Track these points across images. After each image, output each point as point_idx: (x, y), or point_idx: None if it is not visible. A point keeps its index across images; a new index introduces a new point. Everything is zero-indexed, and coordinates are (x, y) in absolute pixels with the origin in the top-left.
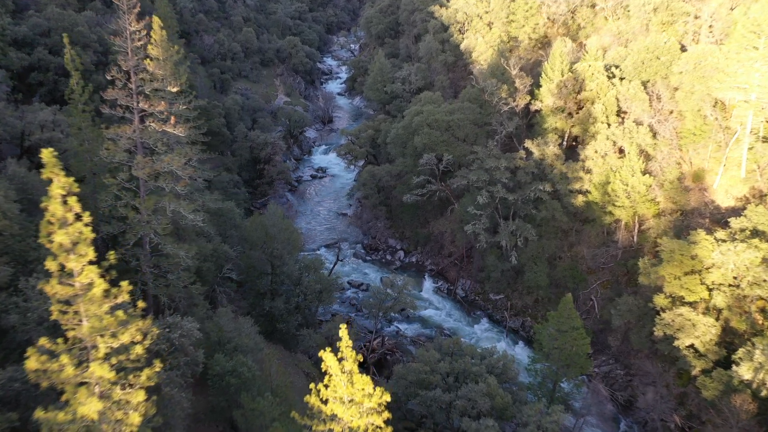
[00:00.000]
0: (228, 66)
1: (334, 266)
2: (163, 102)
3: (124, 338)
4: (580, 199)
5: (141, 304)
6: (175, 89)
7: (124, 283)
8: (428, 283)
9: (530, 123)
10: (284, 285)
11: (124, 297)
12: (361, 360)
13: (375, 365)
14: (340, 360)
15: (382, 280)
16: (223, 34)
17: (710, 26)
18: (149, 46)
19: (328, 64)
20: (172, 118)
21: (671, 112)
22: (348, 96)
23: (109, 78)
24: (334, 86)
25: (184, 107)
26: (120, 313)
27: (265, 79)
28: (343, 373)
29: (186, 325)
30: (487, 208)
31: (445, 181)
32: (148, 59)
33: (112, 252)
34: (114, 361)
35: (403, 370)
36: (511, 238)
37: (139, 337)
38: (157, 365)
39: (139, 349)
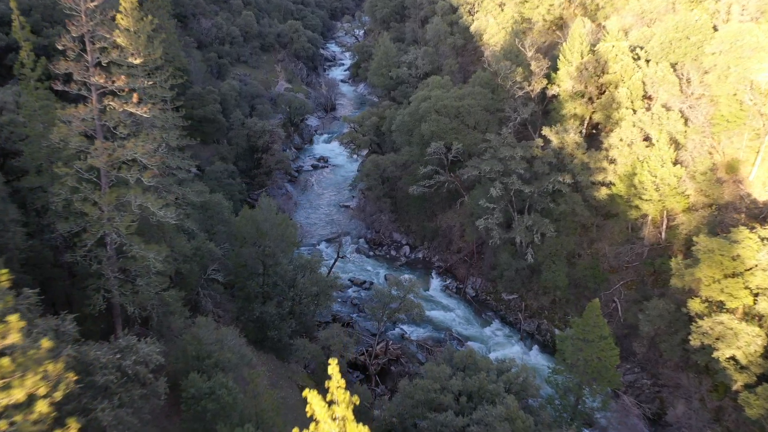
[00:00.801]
0: (226, 51)
1: (334, 263)
2: (123, 77)
3: (17, 394)
4: (603, 192)
5: (45, 343)
6: (137, 61)
7: (13, 318)
8: (436, 281)
9: (546, 109)
10: (277, 287)
11: (14, 337)
12: (363, 368)
13: (378, 373)
14: (329, 403)
15: (386, 277)
16: (222, 18)
17: (743, 5)
18: (118, 16)
19: (331, 51)
20: (135, 95)
21: (700, 97)
22: (352, 83)
23: (60, 47)
24: (337, 73)
25: (151, 83)
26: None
27: (265, 65)
28: (334, 420)
29: (143, 348)
30: (501, 202)
31: (454, 172)
32: (117, 32)
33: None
34: (3, 426)
35: (409, 387)
36: (527, 234)
37: (43, 390)
38: (72, 426)
39: (42, 407)
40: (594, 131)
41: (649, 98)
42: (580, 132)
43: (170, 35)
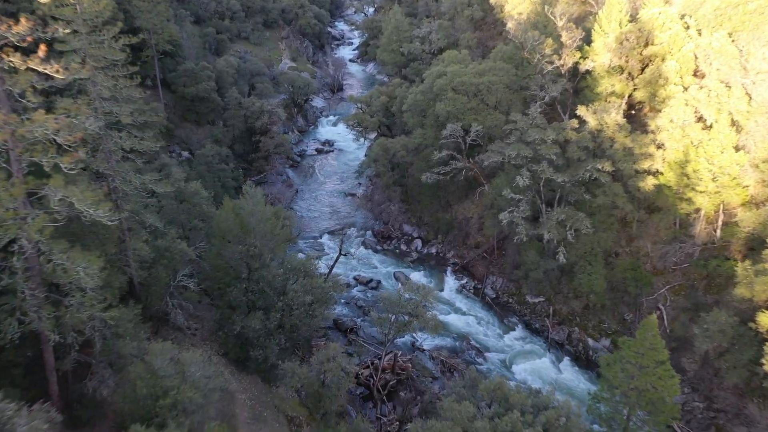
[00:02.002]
0: (226, 26)
1: (336, 261)
2: (24, 19)
3: None
4: (648, 182)
5: None
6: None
7: None
8: (451, 280)
9: (577, 87)
10: (264, 295)
11: None
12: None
13: (383, 388)
14: None
15: (395, 276)
16: None
17: None
18: None
19: (339, 29)
20: (41, 47)
21: (761, 73)
22: (361, 62)
23: None
24: (346, 52)
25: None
26: None
27: (268, 42)
28: None
29: (19, 428)
30: (528, 192)
31: (472, 158)
32: None
33: None
34: None
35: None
36: (559, 230)
37: None
38: None
39: None
40: (632, 111)
41: (700, 74)
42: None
43: (156, 3)
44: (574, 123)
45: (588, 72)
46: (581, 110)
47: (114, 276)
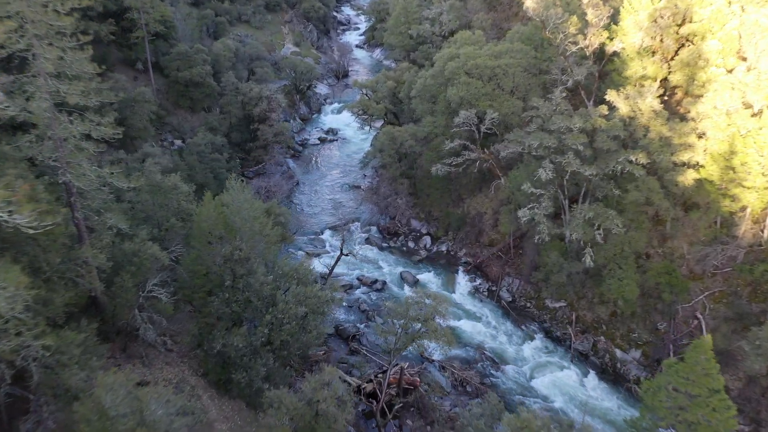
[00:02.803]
0: (225, 8)
1: (337, 261)
2: None
3: None
4: (688, 176)
5: None
6: None
7: None
8: (462, 281)
9: (603, 71)
10: (250, 306)
11: None
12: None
13: (388, 406)
14: None
15: (402, 276)
16: None
17: None
18: None
19: (345, 14)
20: None
21: None
22: (367, 48)
23: None
24: (352, 38)
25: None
26: None
27: (270, 26)
28: None
29: None
30: (550, 187)
31: (486, 148)
32: None
33: None
34: None
35: None
36: (587, 229)
37: None
38: None
39: None
40: (663, 97)
41: (743, 56)
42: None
43: None
44: (603, 109)
45: (616, 54)
46: (611, 95)
47: (58, 291)
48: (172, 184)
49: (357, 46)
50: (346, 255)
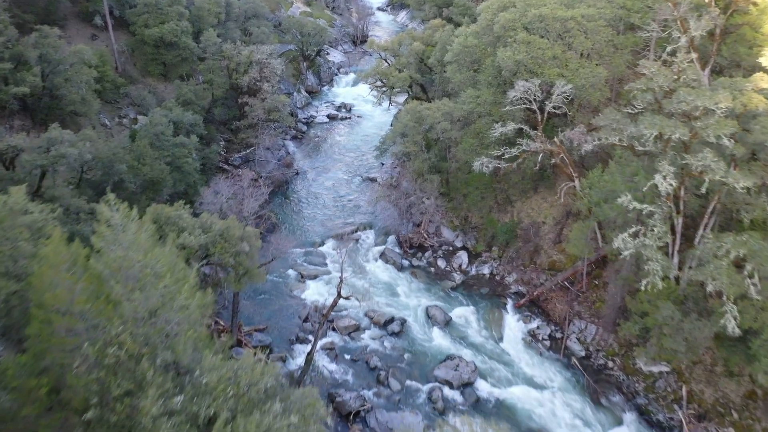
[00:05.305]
0: None
1: (333, 306)
2: None
3: None
4: None
5: None
6: None
7: None
8: (513, 321)
9: (727, 26)
10: None
11: None
12: None
13: None
14: None
15: (428, 313)
16: None
17: None
18: None
19: None
20: None
21: None
22: (390, 11)
23: None
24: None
25: None
26: None
27: None
28: None
29: None
30: (662, 202)
31: (552, 135)
32: None
33: None
34: None
35: None
36: (732, 275)
37: None
38: None
39: None
40: None
41: None
42: None
43: None
44: (757, 79)
45: (752, 2)
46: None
47: None
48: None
49: (379, 8)
50: (346, 298)
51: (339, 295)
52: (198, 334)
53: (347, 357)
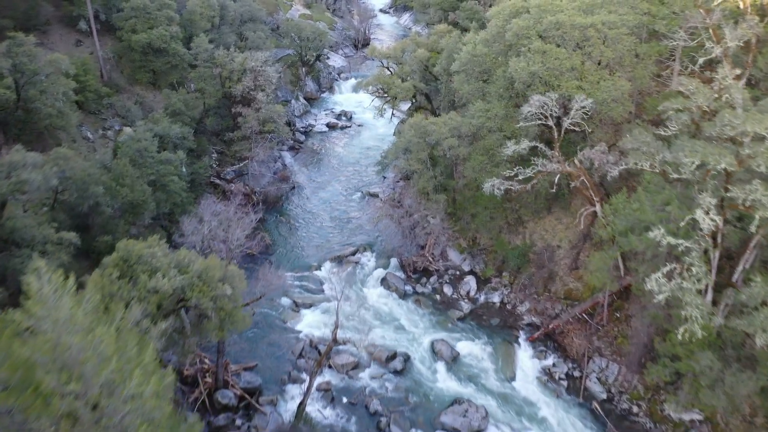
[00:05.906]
0: None
1: (326, 356)
2: None
3: None
4: None
5: None
6: None
7: None
8: (526, 357)
9: (761, 37)
10: None
11: None
12: None
13: None
14: None
15: (434, 348)
16: None
17: None
18: None
19: None
20: None
21: None
22: (393, 13)
23: None
24: (375, 0)
25: None
26: None
27: None
28: None
29: None
30: (702, 237)
31: (570, 153)
32: None
33: None
34: None
35: None
36: None
37: None
38: None
39: None
40: None
41: None
42: None
43: None
44: None
45: None
46: None
47: None
48: None
49: (381, 10)
50: (343, 344)
51: (335, 340)
52: (154, 428)
53: (345, 400)
